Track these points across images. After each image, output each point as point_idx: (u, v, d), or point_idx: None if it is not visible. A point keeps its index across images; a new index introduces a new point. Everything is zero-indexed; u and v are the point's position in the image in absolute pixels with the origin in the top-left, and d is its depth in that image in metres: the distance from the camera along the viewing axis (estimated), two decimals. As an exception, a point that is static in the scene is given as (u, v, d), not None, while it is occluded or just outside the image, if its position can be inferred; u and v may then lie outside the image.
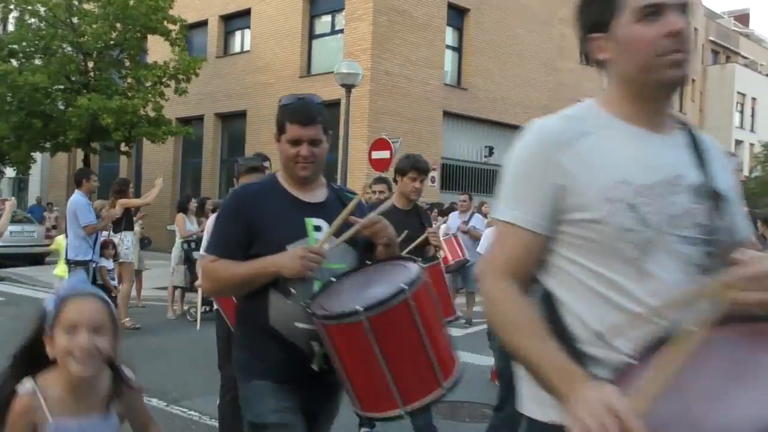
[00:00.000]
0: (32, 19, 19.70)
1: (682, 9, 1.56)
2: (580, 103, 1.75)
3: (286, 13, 20.69)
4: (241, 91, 21.63)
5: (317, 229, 2.58)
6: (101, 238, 8.81)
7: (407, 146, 15.68)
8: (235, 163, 4.78)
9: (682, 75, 1.58)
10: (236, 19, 22.84)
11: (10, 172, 27.42)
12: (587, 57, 1.70)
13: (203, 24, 23.14)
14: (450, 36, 21.12)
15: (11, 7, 20.02)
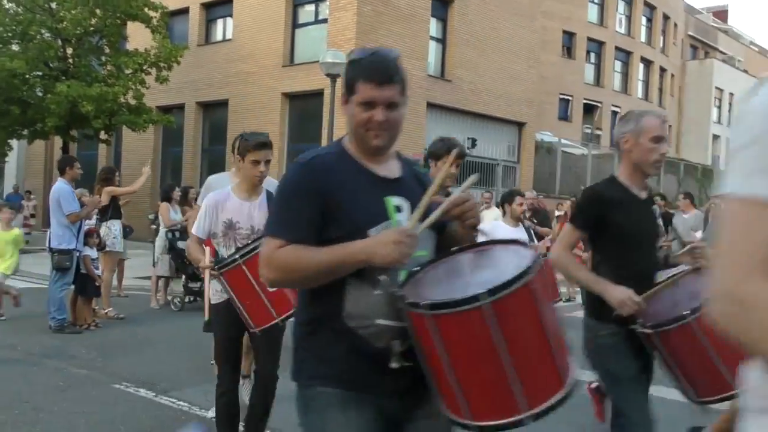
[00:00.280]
0: (9, 4, 19.30)
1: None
2: None
3: (268, 2, 20.50)
4: (223, 80, 21.44)
5: (397, 209, 2.22)
6: (85, 227, 8.68)
7: (391, 137, 15.62)
8: (239, 139, 4.31)
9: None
10: (218, 7, 22.61)
11: (-14, 159, 26.98)
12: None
13: (184, 11, 22.87)
14: (434, 27, 21.09)
15: (-13, -9, 19.64)
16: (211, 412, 5.33)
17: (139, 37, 20.17)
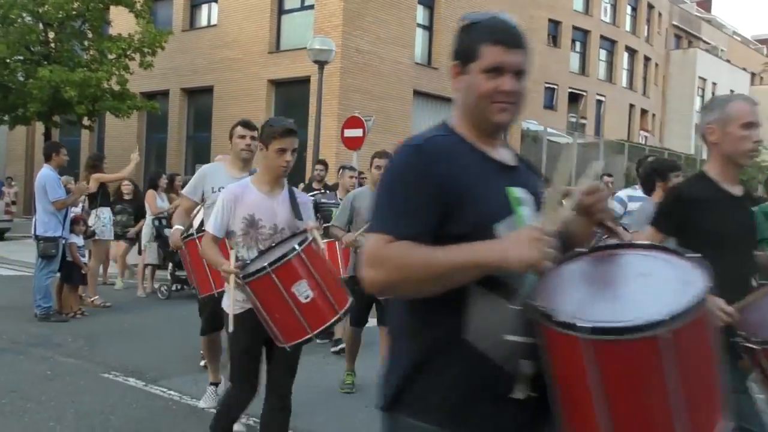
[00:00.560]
0: (-11, -13, 19.01)
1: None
2: None
3: (254, -13, 20.31)
4: (208, 66, 21.22)
5: (520, 202, 1.89)
6: (71, 214, 8.58)
7: (377, 125, 15.58)
8: (264, 125, 3.83)
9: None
10: (203, -8, 22.39)
11: (-34, 145, 26.61)
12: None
13: (169, -4, 22.62)
14: (421, 14, 21.00)
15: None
16: (202, 402, 5.32)
17: (122, 22, 19.91)
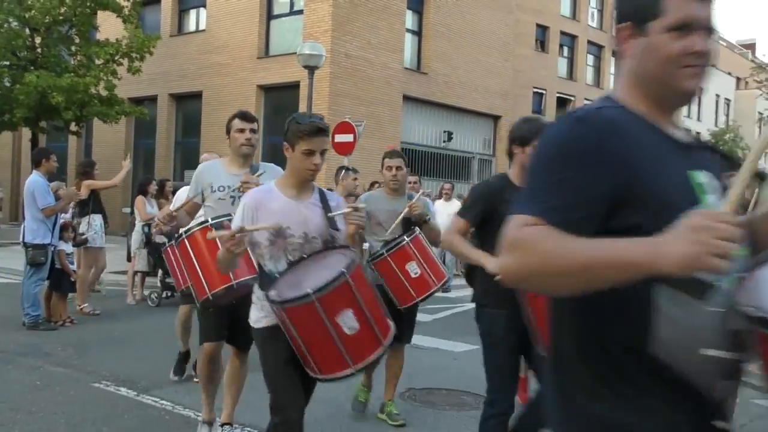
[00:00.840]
0: (-26, -8, 18.84)
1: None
2: None
3: (243, -8, 20.24)
4: (197, 72, 21.13)
5: (704, 188, 1.58)
6: (60, 221, 8.47)
7: (366, 130, 15.54)
8: (290, 122, 3.37)
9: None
10: (191, -3, 22.29)
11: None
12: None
13: (156, 1, 22.48)
14: (410, 19, 21.00)
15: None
16: (194, 413, 5.24)
17: (110, 27, 19.79)
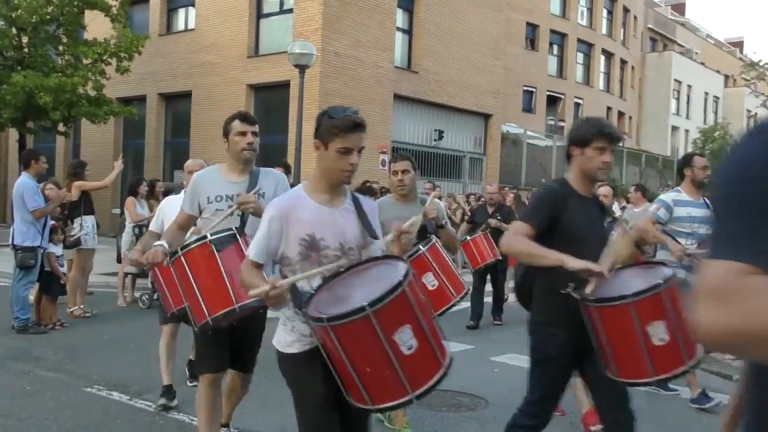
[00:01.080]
0: (-40, -9, 18.62)
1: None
2: None
3: (232, -9, 20.10)
4: (186, 71, 20.96)
5: None
6: (50, 223, 8.35)
7: (359, 129, 15.42)
8: (321, 116, 2.90)
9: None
10: (180, -4, 22.13)
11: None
12: None
13: (144, 0, 22.31)
14: (400, 18, 20.92)
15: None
16: (188, 417, 5.16)
17: (97, 26, 19.59)
